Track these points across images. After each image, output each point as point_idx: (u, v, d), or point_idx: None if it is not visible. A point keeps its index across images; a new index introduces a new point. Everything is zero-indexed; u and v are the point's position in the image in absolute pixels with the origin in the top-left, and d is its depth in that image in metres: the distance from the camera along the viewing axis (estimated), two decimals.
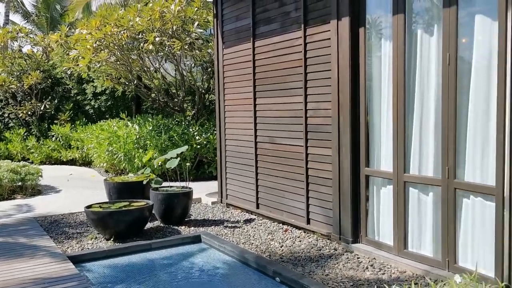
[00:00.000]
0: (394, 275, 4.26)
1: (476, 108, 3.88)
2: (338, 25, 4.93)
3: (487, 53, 3.78)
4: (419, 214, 4.43)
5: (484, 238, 3.87)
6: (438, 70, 4.14)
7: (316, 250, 4.99)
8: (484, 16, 3.79)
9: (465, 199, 4.02)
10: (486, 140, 3.82)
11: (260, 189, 6.43)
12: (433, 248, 4.31)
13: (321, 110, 5.29)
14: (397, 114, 4.48)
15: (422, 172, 4.37)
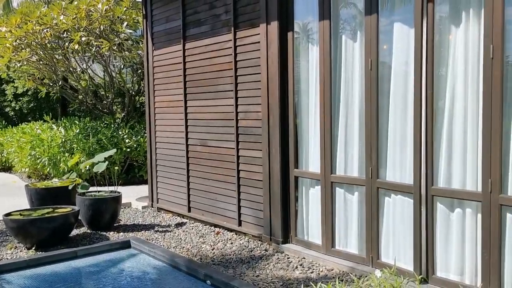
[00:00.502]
0: (322, 273, 4.38)
1: (395, 111, 4.10)
2: (267, 29, 5.01)
3: (405, 59, 4.00)
4: (345, 213, 4.60)
5: (404, 234, 4.08)
6: (361, 74, 4.32)
7: (248, 252, 5.03)
8: (402, 24, 4.01)
9: (386, 197, 4.22)
10: (404, 141, 4.04)
11: (192, 192, 6.38)
12: (358, 246, 4.48)
13: (252, 113, 5.35)
14: (324, 117, 4.63)
15: (348, 173, 4.54)
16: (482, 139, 3.48)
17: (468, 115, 3.63)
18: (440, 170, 3.82)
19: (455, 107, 3.71)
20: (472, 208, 3.64)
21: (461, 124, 3.68)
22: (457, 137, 3.72)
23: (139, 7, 8.82)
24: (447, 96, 3.75)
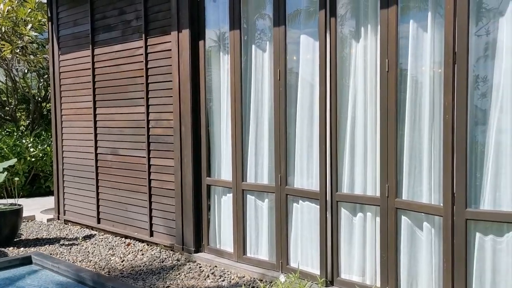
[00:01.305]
0: (233, 281, 4.40)
1: (302, 120, 4.24)
2: (178, 37, 4.98)
3: (311, 70, 4.16)
4: (256, 220, 4.67)
5: (311, 239, 4.22)
6: (271, 84, 4.43)
7: (159, 262, 4.92)
8: (308, 36, 4.17)
9: (295, 204, 4.35)
10: (311, 149, 4.20)
11: (102, 203, 6.14)
12: (269, 252, 4.56)
13: (163, 121, 5.27)
14: (235, 125, 4.68)
15: (258, 180, 4.62)
16: (380, 146, 3.71)
17: (368, 124, 3.85)
18: (344, 177, 4.00)
19: (357, 117, 3.92)
20: (372, 212, 3.85)
21: (362, 133, 3.89)
22: (358, 145, 3.93)
23: (45, 9, 8.37)
24: (349, 107, 3.95)
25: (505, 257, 3.18)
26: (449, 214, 3.30)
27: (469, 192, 3.26)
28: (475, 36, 3.24)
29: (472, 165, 3.28)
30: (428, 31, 3.45)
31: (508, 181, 3.15)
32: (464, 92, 3.20)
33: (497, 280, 3.21)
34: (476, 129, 3.29)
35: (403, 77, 3.61)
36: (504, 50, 3.13)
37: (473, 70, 3.26)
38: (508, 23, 3.11)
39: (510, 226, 3.16)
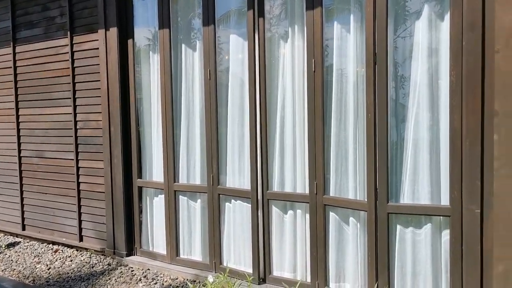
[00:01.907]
0: (166, 283, 4.34)
1: (233, 120, 4.26)
2: (106, 35, 4.83)
3: (241, 70, 4.18)
4: (189, 221, 4.63)
5: (244, 238, 4.25)
6: (201, 84, 4.41)
7: (88, 268, 4.75)
8: (237, 36, 4.19)
9: (227, 203, 4.35)
10: (242, 149, 4.22)
11: (27, 208, 5.84)
12: (202, 252, 4.54)
13: (92, 122, 5.10)
14: (166, 125, 4.61)
15: (191, 181, 4.58)
16: (308, 145, 3.80)
17: (297, 123, 3.93)
18: (274, 175, 4.06)
19: (286, 116, 3.99)
20: (302, 209, 3.93)
21: (291, 132, 3.96)
22: (288, 144, 3.99)
23: None
24: (278, 106, 4.01)
25: (424, 248, 3.36)
26: (373, 208, 3.43)
27: (391, 187, 3.42)
28: (394, 38, 3.40)
29: (393, 161, 3.43)
30: (351, 33, 3.57)
31: (425, 176, 3.33)
32: (384, 91, 3.34)
33: (417, 270, 3.39)
34: (396, 127, 3.45)
35: (329, 77, 3.72)
36: (420, 51, 3.30)
37: (392, 70, 3.41)
38: (424, 26, 3.28)
39: (428, 218, 3.34)
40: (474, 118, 3.03)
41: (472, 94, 3.02)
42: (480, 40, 2.96)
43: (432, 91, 3.29)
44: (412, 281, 3.40)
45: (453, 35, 3.09)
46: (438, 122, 3.28)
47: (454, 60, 3.09)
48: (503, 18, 2.88)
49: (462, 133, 3.10)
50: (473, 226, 3.08)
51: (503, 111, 2.93)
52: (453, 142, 3.14)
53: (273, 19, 4.02)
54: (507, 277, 2.97)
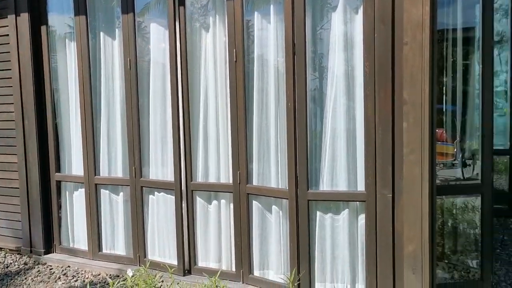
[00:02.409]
0: (87, 279, 4.19)
1: (155, 110, 4.17)
2: (17, 21, 4.54)
3: (162, 60, 4.10)
4: (111, 215, 4.49)
5: (168, 230, 4.19)
6: (121, 73, 4.27)
7: (2, 268, 4.49)
8: (158, 25, 4.10)
9: (151, 196, 4.27)
10: (165, 140, 4.15)
11: None
12: (126, 246, 4.43)
13: (3, 114, 4.78)
14: (85, 117, 4.43)
15: (112, 173, 4.45)
16: (231, 134, 3.80)
17: (220, 113, 3.93)
18: (198, 166, 4.03)
19: (209, 106, 3.97)
20: (226, 199, 3.95)
21: (214, 122, 3.95)
22: (211, 134, 3.98)
23: None
24: (201, 96, 3.98)
25: (342, 233, 3.49)
26: (294, 196, 3.51)
27: (311, 175, 3.51)
28: (312, 29, 3.47)
29: (312, 150, 3.53)
30: (272, 23, 3.61)
31: (343, 163, 3.45)
32: (303, 81, 3.41)
33: (336, 254, 3.52)
34: (316, 116, 3.55)
35: (251, 67, 3.74)
36: (337, 43, 3.40)
37: (311, 61, 3.49)
38: (340, 19, 3.38)
39: (346, 204, 3.48)
40: (385, 107, 3.18)
41: (383, 84, 3.17)
42: (390, 33, 3.11)
43: (348, 81, 3.41)
44: (331, 265, 3.53)
45: (366, 28, 3.21)
46: (354, 111, 3.41)
47: (367, 52, 3.22)
48: (411, 12, 3.03)
49: (375, 121, 3.24)
50: (385, 210, 3.25)
51: (411, 100, 3.09)
52: (367, 130, 3.28)
53: (194, 7, 3.97)
54: (415, 256, 3.17)
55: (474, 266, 3.84)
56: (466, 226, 4.02)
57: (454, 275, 3.88)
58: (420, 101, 3.08)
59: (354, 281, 3.49)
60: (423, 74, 3.05)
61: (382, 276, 3.29)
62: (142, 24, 4.19)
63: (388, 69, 3.15)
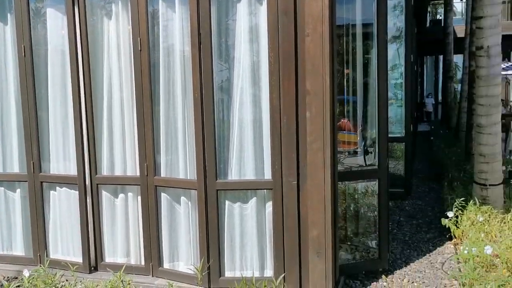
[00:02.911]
0: None
1: (55, 101, 3.94)
2: None
3: (62, 47, 3.87)
4: (7, 214, 4.19)
5: (72, 226, 4.00)
6: (16, 61, 3.97)
7: None
8: (55, 10, 3.86)
9: (52, 191, 4.04)
10: (67, 132, 3.94)
11: None
12: (25, 246, 4.16)
13: None
14: None
15: (8, 169, 4.15)
16: (137, 126, 3.70)
17: (125, 104, 3.80)
18: (103, 159, 3.88)
19: (113, 96, 3.82)
20: (134, 192, 3.85)
21: (119, 112, 3.82)
22: (116, 125, 3.84)
23: None
24: (105, 86, 3.82)
25: (250, 221, 3.56)
26: (202, 187, 3.51)
27: (219, 165, 3.53)
28: (218, 19, 3.47)
29: (220, 140, 3.54)
30: (177, 12, 3.55)
31: (250, 152, 3.51)
32: (209, 71, 3.41)
33: (245, 242, 3.58)
34: (223, 105, 3.56)
35: (157, 57, 3.66)
36: (243, 33, 3.43)
37: (217, 51, 3.49)
38: (246, 9, 3.41)
39: (253, 192, 3.55)
40: (289, 97, 3.28)
41: (287, 75, 3.26)
42: (293, 24, 3.20)
43: (254, 72, 3.46)
44: (240, 253, 3.59)
45: (270, 19, 3.27)
46: (261, 101, 3.47)
47: (271, 43, 3.29)
48: (312, 5, 3.14)
49: (280, 111, 3.33)
50: (291, 196, 3.36)
51: (313, 90, 3.22)
52: (273, 120, 3.36)
53: None
54: (319, 239, 3.32)
55: (374, 246, 4.11)
56: (366, 209, 4.28)
57: (356, 255, 4.12)
58: (321, 92, 3.22)
59: (263, 267, 3.58)
60: (324, 65, 3.19)
61: (289, 261, 3.41)
62: (41, 9, 3.93)
63: (292, 60, 3.24)
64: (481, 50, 4.40)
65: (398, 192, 6.62)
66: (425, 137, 12.94)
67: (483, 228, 3.83)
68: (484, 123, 4.46)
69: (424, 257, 4.34)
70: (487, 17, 4.32)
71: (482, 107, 4.47)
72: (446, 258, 4.27)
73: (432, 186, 7.38)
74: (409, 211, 6.00)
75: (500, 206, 4.52)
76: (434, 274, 3.92)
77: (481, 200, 4.49)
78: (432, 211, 5.90)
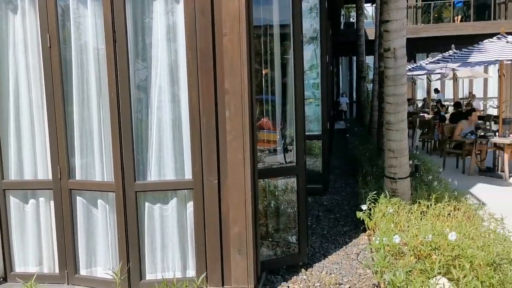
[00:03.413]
0: None
1: None
2: None
3: None
4: None
5: None
6: None
7: None
8: None
9: None
10: None
11: None
12: None
13: None
14: None
15: None
16: (48, 127, 3.52)
17: (34, 104, 3.60)
18: (10, 163, 3.64)
19: (21, 95, 3.60)
20: (46, 197, 3.65)
21: (28, 113, 3.61)
22: (25, 127, 3.63)
23: None
24: (11, 86, 3.59)
25: (171, 222, 3.51)
26: (121, 189, 3.41)
27: (138, 166, 3.45)
28: (134, 16, 3.38)
29: (138, 140, 3.46)
30: (89, 8, 3.41)
31: (170, 152, 3.46)
32: (125, 70, 3.32)
33: (166, 243, 3.53)
34: (141, 105, 3.48)
35: (68, 54, 3.49)
36: (160, 32, 3.37)
37: (134, 49, 3.40)
38: (162, 7, 3.36)
39: (174, 193, 3.50)
40: (208, 96, 3.28)
41: (206, 74, 3.26)
42: (210, 24, 3.21)
43: (173, 71, 3.42)
44: (162, 254, 3.53)
45: (187, 18, 3.25)
46: (180, 101, 3.44)
47: (189, 42, 3.27)
48: (229, 4, 3.17)
49: (199, 110, 3.32)
50: (212, 195, 3.37)
51: (232, 89, 3.25)
52: (192, 119, 3.34)
53: None
54: (241, 237, 3.36)
55: (294, 241, 4.23)
56: (286, 206, 4.39)
57: (277, 251, 4.21)
58: (240, 91, 3.26)
59: (185, 268, 3.55)
60: (242, 64, 3.22)
61: (212, 260, 3.41)
62: None
63: (210, 59, 3.24)
64: (389, 51, 4.68)
65: (317, 188, 6.86)
66: (341, 135, 13.53)
67: (393, 219, 4.08)
68: (393, 120, 4.75)
69: (341, 249, 4.54)
70: (393, 21, 4.61)
71: (391, 105, 4.76)
72: (360, 249, 4.50)
73: (349, 181, 7.73)
74: (327, 206, 6.24)
75: (408, 198, 4.83)
76: (350, 264, 4.12)
77: (391, 193, 4.77)
78: (348, 205, 6.18)
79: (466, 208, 4.48)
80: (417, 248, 3.31)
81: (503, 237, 3.51)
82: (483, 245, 3.24)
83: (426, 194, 4.96)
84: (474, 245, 3.23)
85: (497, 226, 3.89)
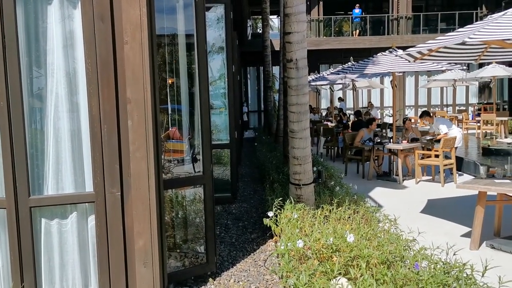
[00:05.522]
0: None
1: None
2: None
3: None
4: None
5: None
6: None
7: None
8: None
9: None
10: None
11: None
12: None
13: None
14: None
15: None
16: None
17: None
18: None
19: None
20: None
21: None
22: None
23: None
24: None
25: (71, 237, 3.33)
26: (13, 205, 3.17)
27: (32, 180, 3.23)
28: (26, 21, 3.19)
29: (33, 153, 3.25)
30: None
31: (68, 165, 3.29)
32: (17, 78, 3.10)
33: (66, 260, 3.34)
34: (35, 116, 3.27)
35: None
36: (56, 38, 3.21)
37: (27, 56, 3.20)
38: (57, 13, 3.20)
39: (74, 207, 3.33)
40: (109, 105, 3.17)
41: (106, 82, 3.16)
42: (110, 31, 3.11)
43: (71, 79, 3.26)
44: (60, 272, 3.33)
45: (85, 24, 3.13)
46: (79, 110, 3.29)
47: (88, 49, 3.15)
48: (129, 12, 3.10)
49: (100, 120, 3.20)
50: (115, 208, 3.25)
51: (134, 99, 3.17)
52: (93, 129, 3.21)
53: None
54: (146, 249, 3.27)
55: (202, 251, 4.21)
56: (194, 216, 4.36)
57: (185, 262, 4.16)
58: (143, 100, 3.19)
59: (87, 285, 3.38)
60: (145, 73, 3.17)
61: (115, 274, 3.29)
62: None
63: (111, 67, 3.15)
64: (291, 62, 4.86)
65: (226, 196, 6.91)
66: (250, 143, 13.76)
67: (298, 224, 4.22)
68: (296, 128, 4.93)
69: (249, 256, 4.60)
70: (295, 33, 4.80)
71: (294, 114, 4.93)
72: (268, 255, 4.59)
73: (257, 188, 7.87)
74: (235, 214, 6.30)
75: (312, 203, 5.03)
76: (257, 271, 4.18)
77: (296, 199, 4.93)
78: (257, 212, 6.29)
79: (364, 211, 4.76)
80: (320, 251, 3.45)
81: (396, 236, 3.78)
82: (378, 244, 3.47)
83: (329, 199, 5.20)
84: (371, 245, 3.44)
85: (391, 227, 4.18)
